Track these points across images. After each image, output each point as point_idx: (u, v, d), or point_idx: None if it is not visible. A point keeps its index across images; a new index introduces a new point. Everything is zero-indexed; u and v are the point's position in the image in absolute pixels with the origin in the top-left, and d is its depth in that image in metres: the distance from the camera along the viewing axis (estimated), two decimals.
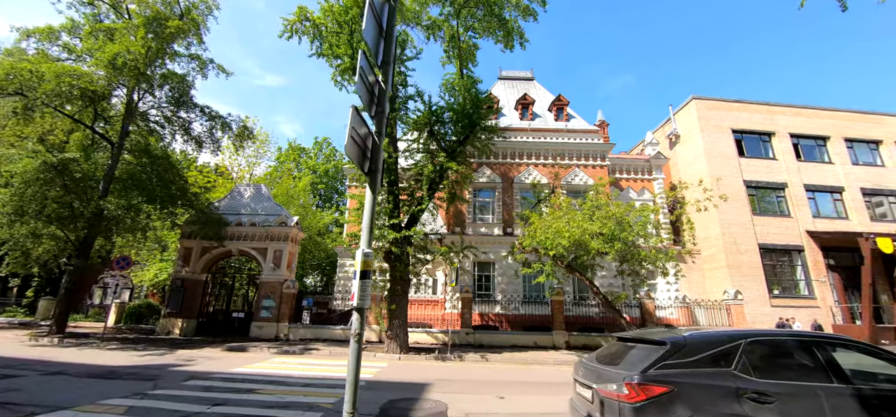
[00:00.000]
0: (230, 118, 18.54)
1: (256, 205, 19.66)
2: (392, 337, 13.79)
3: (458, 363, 12.75)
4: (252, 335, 17.33)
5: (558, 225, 12.80)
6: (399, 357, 13.11)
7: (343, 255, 25.54)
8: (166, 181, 16.61)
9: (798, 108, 25.01)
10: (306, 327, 17.84)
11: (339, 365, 11.25)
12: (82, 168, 13.95)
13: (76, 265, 15.28)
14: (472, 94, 16.06)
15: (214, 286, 19.60)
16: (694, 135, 24.22)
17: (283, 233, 18.67)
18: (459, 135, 16.28)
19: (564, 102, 24.66)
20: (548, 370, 11.92)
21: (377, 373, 10.09)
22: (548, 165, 22.85)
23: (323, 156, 37.50)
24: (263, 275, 18.14)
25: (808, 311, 21.08)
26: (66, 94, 13.70)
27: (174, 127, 17.76)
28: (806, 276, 21.91)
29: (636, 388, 3.42)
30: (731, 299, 18.64)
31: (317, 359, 12.50)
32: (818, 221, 22.68)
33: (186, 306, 17.97)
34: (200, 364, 10.62)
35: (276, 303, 17.79)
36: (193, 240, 18.62)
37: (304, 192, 28.77)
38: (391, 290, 14.09)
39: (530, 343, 17.47)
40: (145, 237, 17.23)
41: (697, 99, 24.47)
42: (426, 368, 11.37)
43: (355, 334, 2.93)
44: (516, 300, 20.09)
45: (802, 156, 24.26)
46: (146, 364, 10.53)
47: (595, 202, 14.10)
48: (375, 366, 11.41)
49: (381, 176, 4.07)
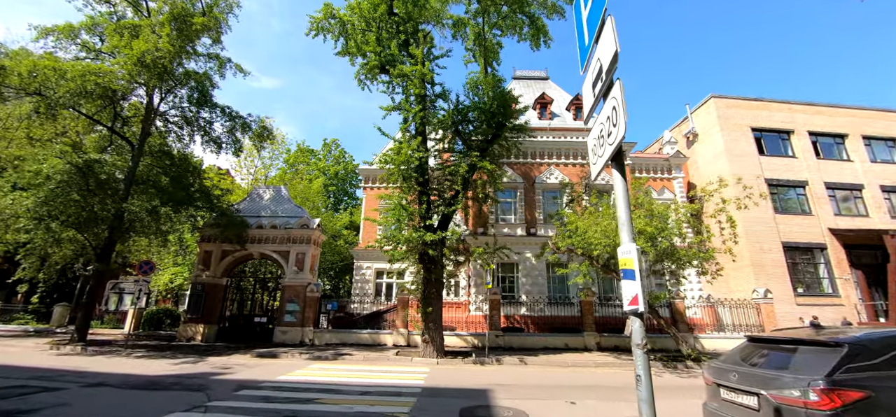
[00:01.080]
0: (250, 118, 18.12)
1: (276, 207, 19.22)
2: (428, 341, 13.42)
3: (497, 366, 12.39)
4: (276, 340, 16.88)
5: (603, 224, 12.51)
6: (437, 362, 12.73)
7: (361, 258, 25.15)
8: (186, 183, 16.17)
9: (817, 106, 24.97)
10: (331, 331, 17.41)
11: (382, 372, 10.87)
12: (105, 169, 13.47)
13: (96, 269, 14.77)
14: (498, 93, 15.77)
15: (234, 290, 19.10)
16: (713, 133, 24.10)
17: (305, 236, 18.24)
18: (485, 134, 15.98)
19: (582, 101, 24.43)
20: (593, 372, 11.58)
21: (426, 379, 9.71)
22: (569, 165, 22.62)
23: (332, 158, 37.04)
24: (286, 279, 17.69)
25: (832, 309, 20.95)
26: (89, 93, 13.23)
27: (193, 128, 17.30)
28: (829, 274, 21.78)
29: (829, 394, 3.09)
30: (761, 298, 18.44)
31: (354, 365, 12.10)
32: (840, 219, 22.59)
33: (207, 311, 17.47)
34: (240, 372, 10.19)
35: (299, 307, 17.35)
36: (213, 243, 18.14)
37: (317, 194, 28.32)
38: (426, 293, 13.73)
39: (561, 344, 17.15)
40: (166, 240, 16.72)
41: (716, 97, 24.36)
42: (471, 372, 11.01)
43: (642, 345, 2.56)
44: (541, 301, 19.78)
45: (821, 153, 24.20)
46: (184, 372, 10.08)
47: (637, 200, 13.83)
48: (419, 371, 11.02)
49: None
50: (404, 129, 14.60)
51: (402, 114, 14.45)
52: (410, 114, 14.27)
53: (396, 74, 14.41)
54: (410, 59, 14.86)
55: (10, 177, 13.02)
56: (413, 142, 13.80)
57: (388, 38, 15.55)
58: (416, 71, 13.95)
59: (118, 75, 13.65)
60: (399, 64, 14.44)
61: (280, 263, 18.22)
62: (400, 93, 15.41)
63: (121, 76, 13.70)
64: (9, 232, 14.16)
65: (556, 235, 15.64)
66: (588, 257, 14.36)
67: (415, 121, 14.78)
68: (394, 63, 14.93)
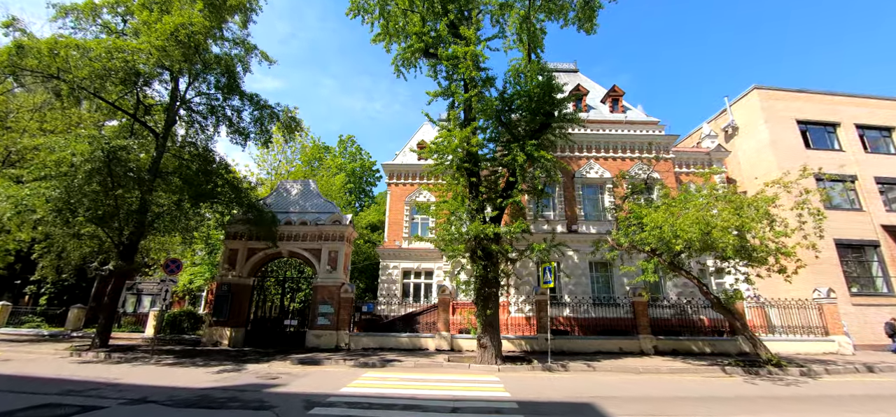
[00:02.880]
0: (278, 108, 16.96)
1: (305, 203, 18.07)
2: (486, 346, 12.26)
3: (568, 374, 11.24)
4: (309, 344, 15.71)
5: (691, 216, 11.37)
6: (498, 369, 11.58)
7: (387, 257, 24.04)
8: (213, 175, 15.01)
9: (861, 98, 23.94)
10: (368, 335, 16.26)
11: (449, 381, 9.72)
12: (131, 157, 12.31)
13: (118, 268, 13.60)
14: (545, 80, 14.67)
15: (260, 291, 17.92)
16: (758, 126, 23.03)
17: (338, 232, 17.09)
18: (532, 123, 14.88)
19: (619, 93, 23.38)
20: (678, 380, 10.42)
21: (510, 391, 8.54)
22: (608, 159, 21.52)
23: (348, 155, 35.87)
24: (319, 279, 16.52)
25: (889, 309, 19.86)
26: (113, 74, 12.07)
27: (218, 117, 16.13)
28: (884, 272, 20.71)
29: None
30: (823, 298, 17.31)
31: (410, 373, 10.93)
32: (892, 215, 21.53)
33: (234, 313, 16.32)
34: (293, 384, 9.03)
35: (333, 309, 16.19)
36: (240, 241, 17.00)
37: (340, 191, 27.15)
38: (482, 293, 12.57)
39: (615, 348, 16.05)
40: (192, 237, 15.56)
41: (759, 88, 23.31)
42: (546, 381, 9.85)
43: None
44: (586, 302, 18.65)
45: (869, 147, 23.14)
46: (231, 384, 8.92)
47: (720, 192, 12.72)
48: (489, 381, 9.87)
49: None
50: (453, 116, 13.47)
51: (456, 98, 13.33)
52: (461, 100, 13.16)
53: (445, 56, 13.30)
54: (460, 41, 13.74)
55: (28, 168, 11.84)
56: (466, 129, 12.66)
57: (433, 19, 14.44)
58: (469, 52, 12.83)
59: (145, 53, 12.45)
60: (450, 44, 13.33)
61: (311, 262, 17.06)
62: (444, 79, 14.33)
63: (149, 55, 12.50)
64: (23, 227, 12.99)
65: (616, 231, 14.52)
66: (654, 253, 13.26)
67: (464, 107, 13.68)
68: (441, 44, 13.84)
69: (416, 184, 25.65)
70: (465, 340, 16.27)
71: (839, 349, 16.38)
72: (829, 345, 16.50)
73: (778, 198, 12.39)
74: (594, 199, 21.15)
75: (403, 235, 24.61)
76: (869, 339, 18.61)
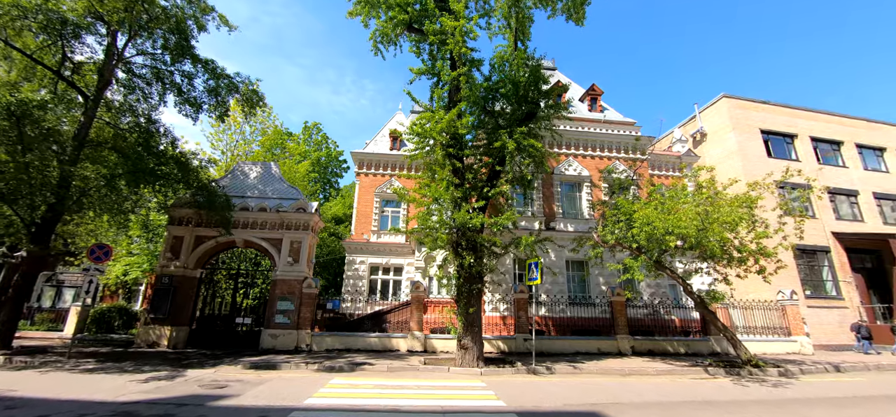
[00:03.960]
0: (238, 79, 15.02)
1: (266, 187, 16.22)
2: (467, 348, 11.24)
3: (555, 377, 10.46)
4: (265, 346, 13.98)
5: (690, 211, 10.96)
6: (480, 372, 10.60)
7: (354, 251, 22.48)
8: (156, 149, 12.94)
9: (815, 113, 25.39)
10: (333, 335, 14.76)
11: (429, 388, 8.60)
12: (48, 118, 10.12)
13: (29, 254, 11.27)
14: (532, 69, 13.95)
15: (209, 285, 15.86)
16: (725, 133, 23.74)
17: (302, 221, 15.42)
18: (517, 113, 14.11)
19: (598, 92, 23.26)
20: (668, 382, 9.92)
21: (504, 399, 7.56)
22: (587, 157, 21.26)
23: (313, 143, 33.60)
24: (279, 272, 14.80)
25: (837, 312, 21.04)
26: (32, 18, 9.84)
27: (165, 83, 13.97)
28: (833, 277, 21.92)
29: None
30: (787, 300, 17.90)
31: (384, 379, 9.69)
32: (840, 223, 22.89)
33: (176, 310, 14.23)
34: (244, 393, 7.54)
35: (294, 306, 14.54)
36: (185, 227, 14.91)
37: (304, 179, 25.10)
38: (464, 290, 11.53)
39: (593, 349, 15.62)
40: (128, 221, 13.35)
41: (728, 97, 24.07)
42: (535, 386, 8.98)
43: None
44: (562, 301, 18.16)
45: (821, 159, 24.54)
46: (166, 396, 7.28)
47: (713, 192, 12.48)
48: (474, 386, 8.86)
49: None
50: (438, 96, 12.35)
51: (442, 76, 12.22)
52: (448, 79, 12.07)
53: (432, 31, 12.15)
54: (448, 15, 12.64)
55: None
56: (453, 111, 11.58)
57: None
58: (458, 27, 11.77)
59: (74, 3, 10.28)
60: (437, 18, 12.20)
61: (270, 253, 15.28)
62: (429, 56, 13.19)
63: (79, 3, 10.33)
64: None
65: (601, 227, 14.02)
66: (640, 251, 12.86)
67: (450, 88, 12.59)
68: (427, 18, 12.68)
69: (387, 176, 24.23)
70: (440, 340, 15.21)
71: (801, 349, 16.94)
72: (792, 345, 17.03)
73: (762, 198, 12.38)
74: (572, 197, 20.80)
75: (372, 228, 23.13)
76: (822, 340, 19.50)
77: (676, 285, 21.99)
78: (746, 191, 12.60)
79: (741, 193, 12.26)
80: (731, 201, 11.76)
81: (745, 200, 11.78)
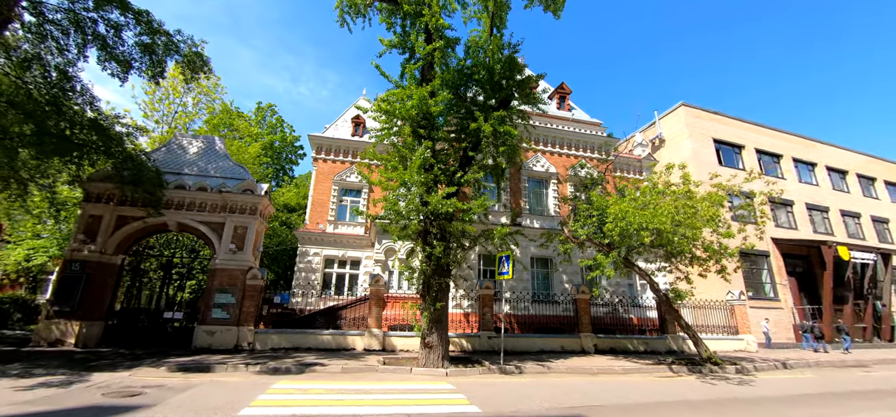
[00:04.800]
0: (178, 37, 13.02)
1: (207, 165, 14.31)
2: (431, 346, 10.32)
3: (525, 378, 9.84)
4: (199, 344, 12.21)
5: (668, 206, 10.76)
6: (446, 373, 9.74)
7: (307, 242, 20.80)
8: (70, 112, 10.82)
9: (760, 127, 27.11)
10: (280, 332, 13.25)
11: (389, 392, 7.63)
12: None
13: None
14: (507, 58, 13.35)
15: (136, 275, 13.72)
16: (682, 140, 24.65)
17: (249, 204, 13.73)
18: (489, 100, 13.45)
19: (567, 91, 23.26)
20: (640, 380, 9.64)
21: (478, 404, 6.73)
22: (555, 154, 21.10)
23: (267, 126, 31.03)
24: (219, 260, 13.03)
25: (774, 312, 22.44)
26: None
27: (86, 33, 11.74)
28: (772, 280, 23.41)
29: None
30: (735, 300, 18.69)
31: (337, 382, 8.55)
32: (778, 230, 24.54)
33: (89, 302, 12.07)
34: (164, 404, 6.14)
35: (235, 300, 12.86)
36: (105, 205, 12.74)
37: (254, 162, 22.86)
38: (433, 284, 10.60)
39: (557, 347, 15.30)
40: (25, 191, 11.05)
41: (686, 106, 25.03)
42: (506, 387, 8.27)
43: None
44: (526, 299, 17.76)
45: (763, 170, 26.22)
46: (51, 409, 5.73)
47: (686, 188, 12.44)
48: (443, 389, 7.98)
49: None
50: (410, 71, 11.31)
51: (416, 49, 11.22)
52: (422, 53, 11.09)
53: (407, 0, 11.10)
54: None
55: None
56: (426, 87, 10.62)
57: None
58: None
59: None
60: None
61: (209, 239, 13.44)
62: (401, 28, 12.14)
63: None
64: None
65: (573, 222, 13.67)
66: (610, 248, 12.63)
67: (423, 64, 11.60)
68: None
69: (347, 163, 22.71)
70: (400, 338, 14.19)
71: (747, 346, 17.74)
72: (740, 344, 17.78)
73: (726, 198, 12.60)
74: (539, 194, 20.53)
75: (329, 218, 21.54)
76: (762, 338, 20.66)
77: (634, 284, 22.64)
78: (711, 192, 12.77)
79: (712, 192, 12.38)
80: (702, 198, 11.80)
81: (718, 199, 11.88)
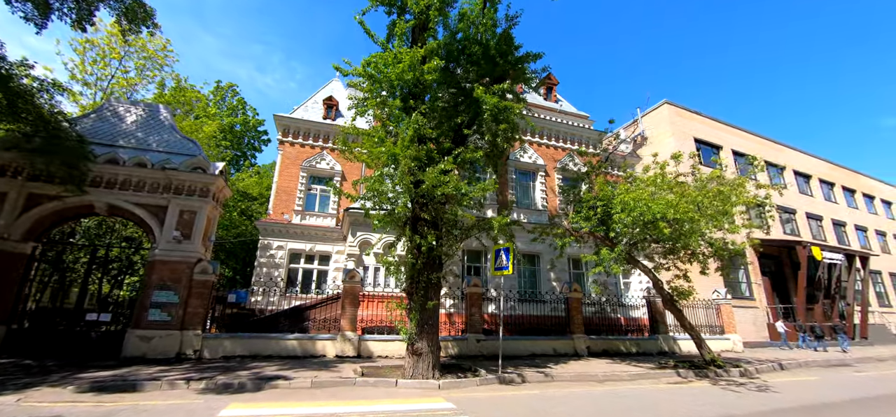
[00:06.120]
0: None
1: (148, 136, 11.95)
2: (421, 353, 8.74)
3: (528, 390, 8.50)
4: (129, 353, 9.95)
5: (691, 194, 9.81)
6: (438, 385, 8.21)
7: (270, 234, 18.57)
8: None
9: (737, 129, 27.51)
10: (235, 337, 11.19)
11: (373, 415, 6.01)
12: None
13: None
14: (504, 33, 12.03)
15: (55, 268, 11.18)
16: (665, 138, 24.41)
17: (198, 184, 11.53)
18: (481, 79, 12.08)
19: (554, 82, 22.35)
20: (644, 388, 8.55)
21: None
22: (542, 145, 20.08)
23: (226, 107, 28.06)
24: (159, 250, 10.78)
25: (750, 311, 22.59)
26: None
27: None
28: (747, 279, 23.60)
29: None
30: (721, 299, 18.39)
31: (311, 403, 6.82)
32: (753, 230, 24.81)
33: None
34: None
35: (180, 298, 10.67)
36: (11, 180, 10.21)
37: (212, 143, 20.18)
38: (422, 280, 9.03)
39: (550, 350, 14.20)
40: None
41: (669, 104, 24.84)
42: (515, 402, 6.87)
43: None
44: (512, 298, 16.54)
45: (739, 172, 26.55)
46: None
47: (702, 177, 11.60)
48: (443, 409, 6.45)
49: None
50: (400, 31, 9.67)
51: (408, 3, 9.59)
52: (416, 8, 9.50)
53: None
54: None
55: None
56: (419, 49, 9.05)
57: None
58: None
59: None
60: None
61: (148, 225, 11.14)
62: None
63: None
64: None
65: (574, 213, 12.55)
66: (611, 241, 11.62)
67: (415, 24, 10.01)
68: None
69: (318, 148, 20.58)
70: (377, 343, 12.53)
71: (733, 346, 17.43)
72: (726, 343, 17.44)
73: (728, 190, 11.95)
74: (526, 186, 19.43)
75: (296, 208, 19.36)
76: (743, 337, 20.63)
77: (618, 283, 22.06)
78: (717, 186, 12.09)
79: (725, 186, 11.69)
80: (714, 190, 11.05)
81: (733, 192, 11.15)
